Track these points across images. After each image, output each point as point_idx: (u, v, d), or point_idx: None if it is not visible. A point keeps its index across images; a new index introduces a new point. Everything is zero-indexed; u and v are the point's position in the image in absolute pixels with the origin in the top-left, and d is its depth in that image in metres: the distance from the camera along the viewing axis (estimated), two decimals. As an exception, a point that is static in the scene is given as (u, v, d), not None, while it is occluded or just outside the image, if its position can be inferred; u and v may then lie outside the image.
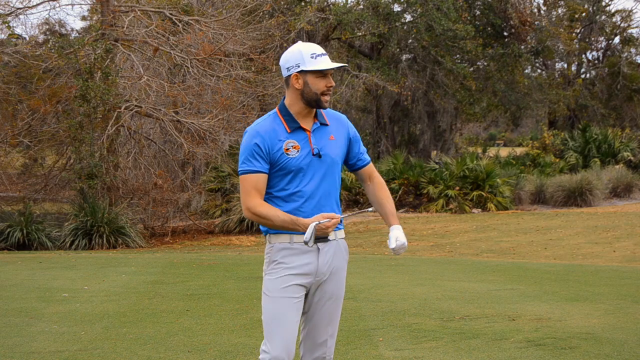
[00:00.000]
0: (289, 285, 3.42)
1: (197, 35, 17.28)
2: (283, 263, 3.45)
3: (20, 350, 5.57)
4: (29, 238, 15.26)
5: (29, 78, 17.37)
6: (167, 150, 17.85)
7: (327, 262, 3.48)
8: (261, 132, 3.41)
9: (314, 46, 3.43)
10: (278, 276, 3.45)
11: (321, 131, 3.48)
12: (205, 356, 5.41)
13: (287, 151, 3.40)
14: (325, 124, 3.50)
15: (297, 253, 3.44)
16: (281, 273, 3.45)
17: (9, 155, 18.22)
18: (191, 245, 16.15)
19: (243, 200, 3.43)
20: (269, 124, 3.44)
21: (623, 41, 36.65)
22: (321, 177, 3.45)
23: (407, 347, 5.61)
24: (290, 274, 3.43)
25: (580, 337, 5.79)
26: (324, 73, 3.41)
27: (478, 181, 22.81)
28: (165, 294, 8.13)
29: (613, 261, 12.17)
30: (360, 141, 3.64)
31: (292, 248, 3.45)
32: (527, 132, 52.56)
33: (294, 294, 3.43)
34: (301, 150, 3.41)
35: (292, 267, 3.43)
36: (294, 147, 3.41)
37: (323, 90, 3.41)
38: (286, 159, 3.40)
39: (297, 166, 3.40)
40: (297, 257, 3.44)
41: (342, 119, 3.60)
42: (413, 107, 28.99)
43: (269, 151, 3.40)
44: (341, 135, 3.54)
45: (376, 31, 24.46)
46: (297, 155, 3.41)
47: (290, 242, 3.45)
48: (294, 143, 3.41)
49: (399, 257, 13.03)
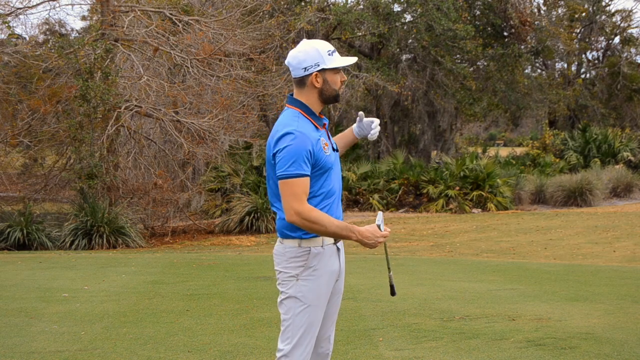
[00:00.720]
0: (326, 293, 3.45)
1: (197, 35, 17.28)
2: (319, 269, 3.40)
3: (20, 350, 5.57)
4: (29, 238, 15.25)
5: (29, 78, 17.37)
6: (167, 150, 17.85)
7: (343, 260, 3.56)
8: (309, 136, 3.31)
9: (326, 43, 3.43)
10: (317, 284, 3.41)
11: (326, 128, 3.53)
12: (205, 356, 5.41)
13: (325, 150, 3.38)
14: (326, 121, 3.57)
15: (328, 256, 3.43)
16: (319, 281, 3.41)
17: (9, 155, 18.22)
18: (191, 245, 16.15)
19: (292, 205, 3.24)
20: (307, 125, 3.36)
21: (623, 41, 36.65)
22: (339, 172, 3.51)
23: (407, 347, 5.61)
24: (327, 280, 3.43)
25: (580, 337, 5.79)
26: (339, 69, 3.43)
27: (478, 181, 22.81)
28: (165, 294, 8.13)
29: (613, 261, 12.17)
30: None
31: (324, 252, 3.42)
32: (527, 132, 52.58)
33: (325, 302, 3.46)
34: (329, 147, 3.43)
35: (327, 271, 3.43)
36: (325, 145, 3.40)
37: (340, 86, 3.44)
38: (325, 157, 3.37)
39: (331, 163, 3.41)
40: (328, 260, 3.43)
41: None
42: (413, 107, 28.99)
43: (315, 153, 3.33)
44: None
45: (376, 31, 24.45)
46: (330, 153, 3.42)
47: (322, 246, 3.41)
48: (325, 141, 3.42)
49: (399, 256, 13.03)
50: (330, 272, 3.44)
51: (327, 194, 3.39)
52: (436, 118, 30.06)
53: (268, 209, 18.24)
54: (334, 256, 3.45)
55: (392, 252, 13.93)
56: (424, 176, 23.46)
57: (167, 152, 17.83)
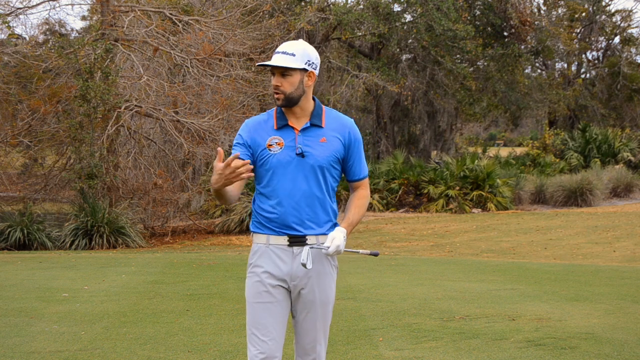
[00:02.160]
0: (264, 291, 3.38)
1: (197, 35, 17.28)
2: (259, 266, 3.41)
3: (20, 350, 5.57)
4: (29, 238, 15.25)
5: (29, 78, 17.36)
6: (167, 150, 17.85)
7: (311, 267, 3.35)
8: (250, 125, 3.45)
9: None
10: (254, 281, 3.42)
11: (312, 132, 3.41)
12: (205, 356, 5.41)
13: (270, 147, 3.38)
14: (318, 125, 3.42)
15: (273, 255, 3.40)
16: (256, 278, 3.41)
17: (9, 155, 18.21)
18: (191, 245, 16.15)
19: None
20: (261, 118, 3.48)
21: (623, 41, 36.66)
22: (303, 177, 3.38)
23: (407, 347, 5.61)
24: (263, 278, 3.39)
25: (580, 337, 5.79)
26: (273, 72, 3.40)
27: (478, 181, 22.81)
28: (165, 294, 8.13)
29: (613, 261, 12.17)
30: (361, 151, 3.52)
31: (266, 251, 3.41)
32: (527, 132, 52.63)
33: (270, 299, 3.38)
34: (285, 148, 3.38)
35: (267, 270, 3.39)
36: (277, 144, 3.38)
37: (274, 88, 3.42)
38: (267, 155, 3.38)
39: (278, 163, 3.37)
40: (269, 259, 3.39)
41: (346, 124, 3.48)
42: (413, 107, 29.01)
43: (252, 143, 3.41)
44: (336, 140, 3.43)
45: (376, 31, 24.46)
46: (279, 153, 3.37)
47: (266, 244, 3.41)
48: (279, 140, 3.39)
49: (399, 256, 13.02)
50: (269, 274, 3.38)
51: (271, 192, 3.39)
52: (436, 118, 30.08)
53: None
54: (285, 259, 3.38)
55: (393, 252, 13.94)
56: (424, 176, 23.47)
57: (167, 152, 17.83)
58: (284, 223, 3.37)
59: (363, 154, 3.54)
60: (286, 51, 3.36)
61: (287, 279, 3.39)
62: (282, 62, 3.33)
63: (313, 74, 3.41)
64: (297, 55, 3.35)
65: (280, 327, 3.42)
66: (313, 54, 3.40)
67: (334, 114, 3.49)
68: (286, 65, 3.32)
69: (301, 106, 3.41)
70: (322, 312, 3.45)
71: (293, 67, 3.33)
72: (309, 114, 3.43)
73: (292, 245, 3.38)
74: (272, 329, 3.39)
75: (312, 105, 3.45)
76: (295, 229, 3.37)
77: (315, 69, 3.42)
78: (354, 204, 3.50)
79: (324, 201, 3.43)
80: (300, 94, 3.38)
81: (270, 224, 3.40)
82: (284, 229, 3.38)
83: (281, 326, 3.42)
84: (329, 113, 3.48)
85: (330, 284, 3.46)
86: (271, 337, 3.38)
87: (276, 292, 3.40)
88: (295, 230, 3.37)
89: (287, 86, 3.35)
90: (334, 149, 3.42)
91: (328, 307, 3.47)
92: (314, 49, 3.43)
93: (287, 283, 3.40)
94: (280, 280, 3.39)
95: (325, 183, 3.43)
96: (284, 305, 3.43)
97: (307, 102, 3.42)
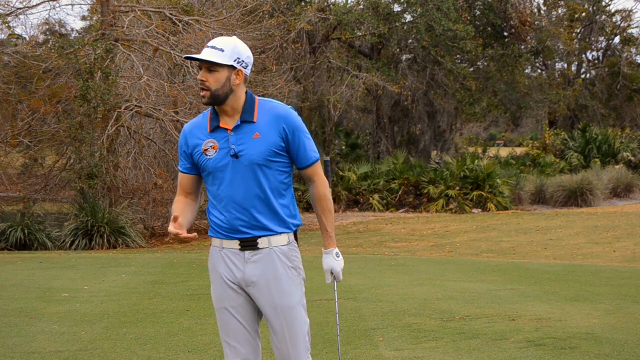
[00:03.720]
0: (225, 296, 3.32)
1: (197, 35, 17.27)
2: (216, 270, 3.35)
3: (20, 350, 5.56)
4: (29, 238, 15.24)
5: (29, 78, 17.35)
6: (167, 150, 17.83)
7: (256, 271, 3.27)
8: (186, 132, 3.34)
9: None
10: (215, 285, 3.36)
11: (244, 129, 3.24)
12: (205, 356, 5.41)
13: (206, 152, 3.26)
14: (249, 121, 3.24)
15: (227, 259, 3.31)
16: (216, 282, 3.36)
17: (9, 155, 18.21)
18: (191, 245, 16.14)
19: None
20: (196, 121, 3.36)
21: (623, 41, 36.66)
22: (242, 179, 3.23)
23: (407, 347, 5.61)
24: (221, 283, 3.32)
25: (580, 337, 5.79)
26: (201, 66, 3.26)
27: (478, 181, 22.82)
28: (165, 294, 8.13)
29: (613, 261, 12.17)
30: (302, 138, 3.28)
31: (216, 254, 3.35)
32: (527, 132, 52.60)
33: (232, 302, 3.30)
34: (219, 151, 3.24)
35: (223, 274, 3.32)
36: (212, 147, 3.25)
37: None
38: (205, 160, 3.26)
39: (215, 167, 3.24)
40: (226, 264, 3.31)
41: (280, 114, 3.26)
42: (413, 107, 29.00)
43: (191, 151, 3.31)
44: (271, 133, 3.23)
45: (376, 31, 24.45)
46: (215, 156, 3.24)
47: (220, 248, 3.33)
48: (213, 143, 3.26)
49: (399, 256, 13.02)
50: (221, 277, 3.31)
51: (215, 196, 3.30)
52: (436, 118, 30.08)
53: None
54: (237, 263, 3.28)
55: (393, 252, 13.94)
56: (424, 176, 23.47)
57: (167, 152, 17.82)
58: (232, 228, 3.27)
59: (307, 139, 3.30)
60: (215, 46, 3.21)
61: (242, 284, 3.29)
62: (209, 56, 3.18)
63: (241, 72, 3.24)
64: (225, 51, 3.20)
65: (249, 330, 3.31)
66: (244, 52, 3.25)
67: (268, 106, 3.29)
68: (212, 59, 3.17)
69: (231, 105, 3.25)
70: (286, 318, 3.27)
71: (219, 62, 3.17)
72: (240, 111, 3.27)
73: (243, 249, 3.27)
74: (241, 333, 3.30)
75: (243, 102, 3.27)
76: (244, 232, 3.26)
77: (246, 68, 3.25)
78: (318, 211, 3.33)
79: (269, 200, 3.26)
80: (227, 92, 3.22)
81: (221, 229, 3.30)
82: (234, 233, 3.27)
83: (251, 329, 3.32)
84: (263, 105, 3.29)
85: (288, 287, 3.28)
86: (240, 341, 3.29)
87: (236, 295, 3.31)
88: (245, 234, 3.26)
89: (213, 82, 3.19)
90: (269, 143, 3.23)
91: (291, 312, 3.28)
92: (247, 47, 3.29)
93: (241, 288, 3.31)
94: (236, 284, 3.31)
95: (267, 180, 3.25)
96: (248, 308, 3.32)
97: (236, 100, 3.25)
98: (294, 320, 3.28)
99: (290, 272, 3.30)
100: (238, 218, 3.25)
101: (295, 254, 3.34)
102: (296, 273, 3.33)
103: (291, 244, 3.33)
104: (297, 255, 3.35)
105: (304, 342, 3.31)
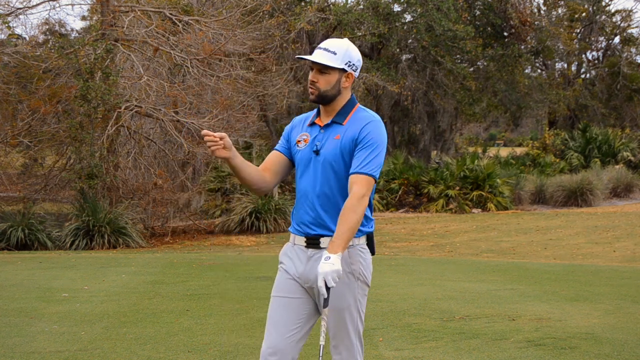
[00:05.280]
0: (283, 286, 3.39)
1: (197, 35, 17.28)
2: (282, 262, 3.45)
3: (20, 350, 5.56)
4: (29, 238, 15.25)
5: (29, 78, 17.35)
6: (167, 150, 17.84)
7: (315, 270, 3.27)
8: (295, 121, 3.52)
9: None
10: (278, 275, 3.45)
11: (332, 129, 3.33)
12: (205, 356, 5.40)
13: (298, 143, 3.40)
14: (339, 122, 3.32)
15: (294, 254, 3.40)
16: (279, 273, 3.44)
17: (9, 155, 18.20)
18: (191, 245, 16.15)
19: None
20: (304, 115, 3.53)
21: (623, 41, 36.67)
22: (317, 175, 3.31)
23: (407, 347, 5.61)
24: (283, 275, 3.41)
25: (580, 337, 5.79)
26: (312, 67, 3.36)
27: (478, 181, 22.82)
28: (165, 294, 8.13)
29: (613, 261, 12.17)
30: (365, 147, 3.25)
31: (289, 249, 3.43)
32: (527, 132, 52.62)
33: (287, 294, 3.36)
34: (308, 145, 3.36)
35: (287, 267, 3.40)
36: (304, 141, 3.38)
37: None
38: (296, 151, 3.41)
39: (301, 159, 3.37)
40: (292, 258, 3.39)
41: (364, 122, 3.30)
42: (413, 107, 29.00)
43: (290, 138, 3.47)
44: (349, 136, 3.28)
45: (376, 31, 24.45)
46: (303, 149, 3.36)
47: (292, 244, 3.41)
48: (306, 136, 3.38)
49: (399, 256, 13.02)
50: (284, 269, 3.40)
51: (297, 191, 3.41)
52: (436, 118, 30.07)
53: (269, 209, 18.25)
54: (301, 260, 3.34)
55: (393, 252, 13.94)
56: (424, 176, 23.47)
57: (167, 152, 17.82)
58: (302, 222, 3.35)
59: (374, 152, 3.26)
60: (328, 48, 3.29)
61: (303, 280, 3.35)
62: (322, 59, 3.26)
63: (352, 75, 3.32)
64: (338, 54, 3.27)
65: (294, 324, 3.33)
66: (355, 56, 3.32)
67: (361, 114, 3.34)
68: (325, 63, 3.25)
69: (334, 105, 3.35)
70: (335, 319, 3.30)
71: (332, 65, 3.25)
72: (334, 111, 3.36)
73: (308, 246, 3.33)
74: (284, 324, 3.32)
75: (343, 104, 3.36)
76: (311, 229, 3.32)
77: (356, 71, 3.33)
78: (342, 213, 3.18)
79: (336, 200, 3.29)
80: (335, 93, 3.31)
81: (294, 224, 3.41)
82: (303, 228, 3.35)
83: (297, 323, 3.33)
84: (358, 112, 3.35)
85: (340, 289, 3.27)
86: (281, 332, 3.31)
87: (292, 288, 3.36)
88: (312, 230, 3.32)
89: (323, 83, 3.29)
90: (343, 144, 3.28)
91: (343, 314, 3.30)
92: (357, 51, 3.35)
93: (302, 284, 3.36)
94: (297, 279, 3.37)
95: (337, 180, 3.29)
96: (301, 304, 3.35)
97: (341, 101, 3.35)
98: (340, 322, 3.32)
99: (346, 276, 3.28)
100: (307, 213, 3.34)
101: (358, 258, 3.32)
102: (353, 278, 3.32)
103: (355, 248, 3.31)
104: (360, 260, 3.32)
105: (354, 345, 3.35)
